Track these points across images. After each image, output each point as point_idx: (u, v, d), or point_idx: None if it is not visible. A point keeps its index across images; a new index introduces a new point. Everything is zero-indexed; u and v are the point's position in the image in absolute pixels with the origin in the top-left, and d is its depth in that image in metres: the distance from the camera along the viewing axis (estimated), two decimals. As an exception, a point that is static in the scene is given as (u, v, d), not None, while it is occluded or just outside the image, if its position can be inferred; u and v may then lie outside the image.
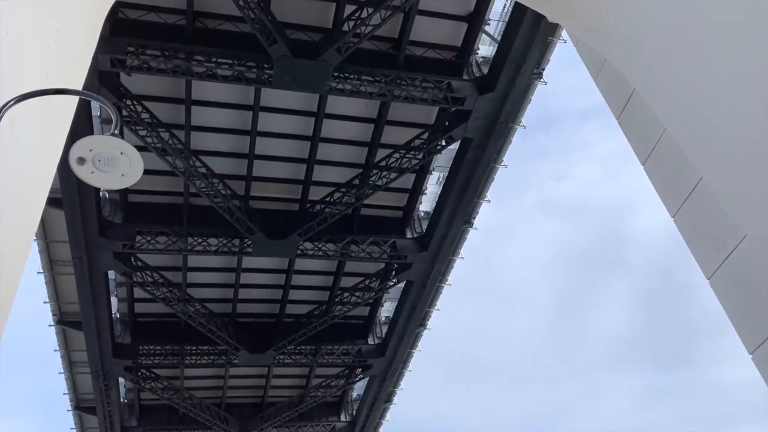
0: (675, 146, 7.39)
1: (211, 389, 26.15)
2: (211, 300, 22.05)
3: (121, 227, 18.00)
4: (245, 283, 22.15)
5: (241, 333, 22.44)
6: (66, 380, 24.04)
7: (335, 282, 22.65)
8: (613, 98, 8.63)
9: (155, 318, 22.66)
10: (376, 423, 28.17)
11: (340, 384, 25.40)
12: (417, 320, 22.82)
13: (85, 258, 17.81)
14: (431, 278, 20.66)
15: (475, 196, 19.01)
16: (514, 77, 15.67)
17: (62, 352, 22.80)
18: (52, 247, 19.36)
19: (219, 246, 18.65)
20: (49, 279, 20.25)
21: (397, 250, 19.97)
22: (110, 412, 23.59)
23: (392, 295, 23.69)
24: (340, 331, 24.16)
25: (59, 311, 21.37)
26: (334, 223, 19.08)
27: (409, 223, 20.64)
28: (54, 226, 18.64)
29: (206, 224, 18.72)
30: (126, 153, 3.38)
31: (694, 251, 7.24)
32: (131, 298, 21.80)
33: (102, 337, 20.60)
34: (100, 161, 3.34)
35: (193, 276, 21.50)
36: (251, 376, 26.13)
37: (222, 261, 21.38)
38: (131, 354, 21.74)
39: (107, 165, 3.36)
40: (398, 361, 24.41)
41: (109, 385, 22.36)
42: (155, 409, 26.13)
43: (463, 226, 19.87)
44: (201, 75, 14.68)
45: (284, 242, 18.58)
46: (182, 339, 22.50)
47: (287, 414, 25.44)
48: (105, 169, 3.38)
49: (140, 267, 19.40)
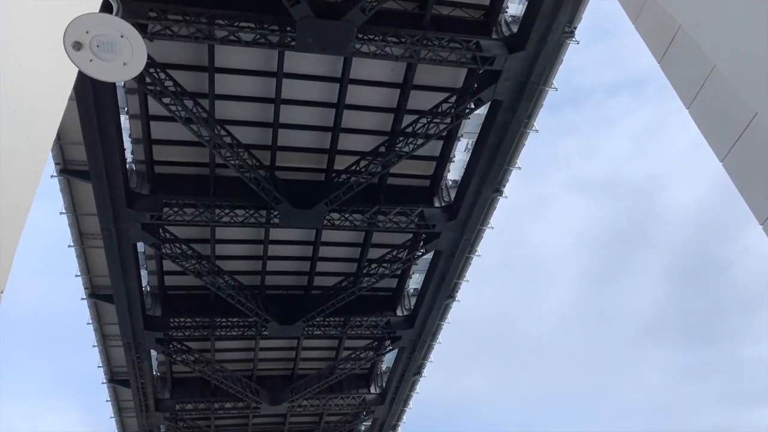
0: (723, 85, 6.91)
1: (242, 362, 26.34)
2: (240, 272, 22.06)
3: (149, 198, 17.99)
4: (273, 255, 22.10)
5: (270, 305, 22.44)
6: (99, 353, 24.42)
7: (362, 253, 22.46)
8: (655, 40, 8.12)
9: (185, 291, 22.80)
10: (406, 395, 28.14)
11: (369, 356, 25.34)
12: (446, 291, 22.55)
13: (113, 229, 17.87)
14: (460, 248, 20.31)
15: (505, 163, 18.52)
16: (545, 35, 15.09)
17: (95, 326, 23.10)
18: (82, 221, 19.48)
19: (246, 217, 18.54)
20: (79, 252, 20.43)
21: (425, 220, 19.63)
22: (143, 384, 23.92)
23: (420, 267, 23.42)
24: (368, 303, 24.04)
25: (90, 285, 21.59)
26: (361, 193, 18.82)
27: (436, 192, 20.26)
28: (83, 199, 18.73)
29: (233, 195, 18.61)
30: (127, 36, 3.08)
31: (745, 196, 6.78)
32: (161, 270, 21.92)
33: (133, 310, 20.78)
34: (98, 47, 3.05)
35: (222, 248, 21.51)
36: (281, 348, 26.24)
37: (250, 233, 21.33)
38: (162, 326, 21.92)
39: (107, 51, 3.07)
40: (427, 333, 24.23)
41: (141, 357, 22.63)
42: (187, 381, 26.46)
43: (493, 194, 19.42)
44: (223, 39, 14.43)
45: (311, 212, 18.38)
46: (212, 311, 22.61)
47: (317, 386, 25.50)
48: (105, 56, 3.08)
49: (169, 239, 19.43)
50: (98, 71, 3.17)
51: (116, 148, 16.31)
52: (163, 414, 25.50)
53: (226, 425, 29.38)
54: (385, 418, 28.08)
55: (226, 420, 29.28)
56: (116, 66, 3.14)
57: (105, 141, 15.94)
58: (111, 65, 3.12)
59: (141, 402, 24.38)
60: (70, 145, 17.17)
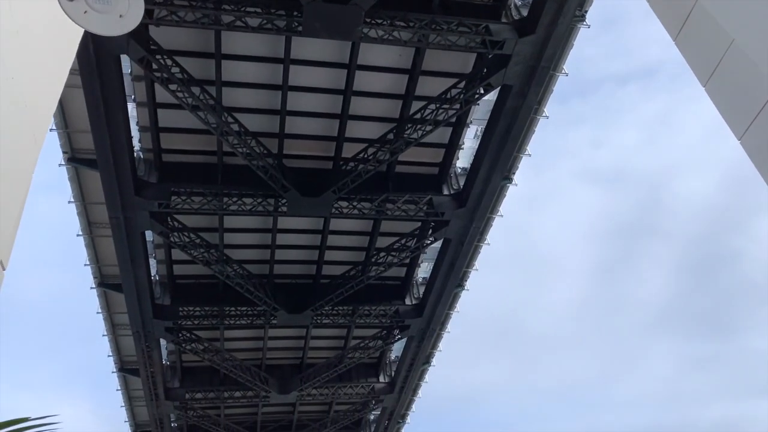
0: (742, 61, 6.72)
1: (251, 351, 26.38)
2: (249, 261, 22.02)
3: (157, 187, 17.95)
4: (281, 244, 22.05)
5: (279, 294, 22.41)
6: (109, 342, 24.53)
7: (371, 242, 22.38)
8: (670, 17, 7.91)
9: (194, 280, 22.81)
10: (415, 384, 28.12)
11: (378, 345, 25.29)
12: (455, 280, 22.43)
13: (121, 217, 17.85)
14: (469, 236, 20.16)
15: (515, 150, 18.33)
16: (556, 19, 14.83)
17: (104, 315, 23.19)
18: (90, 210, 19.50)
19: (254, 205, 18.47)
20: (88, 242, 20.47)
21: (434, 208, 19.49)
22: (153, 373, 24.00)
23: (429, 256, 23.31)
24: (377, 292, 23.97)
25: (100, 274, 21.66)
26: (369, 181, 18.70)
27: (445, 179, 20.10)
28: (91, 188, 18.74)
29: (241, 184, 18.54)
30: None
31: (764, 174, 6.60)
32: (169, 259, 21.93)
33: (142, 299, 20.81)
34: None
35: (230, 237, 21.47)
36: (290, 337, 26.26)
37: (258, 222, 21.28)
38: (171, 315, 21.95)
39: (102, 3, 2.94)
40: (436, 322, 24.14)
41: (150, 346, 22.69)
42: (197, 370, 26.54)
43: (503, 181, 19.24)
44: (230, 25, 14.30)
45: (318, 200, 18.28)
46: (221, 300, 22.61)
47: (326, 374, 25.50)
48: (99, 8, 2.95)
49: (177, 228, 19.40)
50: (93, 23, 3.03)
51: (123, 135, 16.24)
52: (173, 403, 25.61)
53: (236, 414, 29.48)
54: (394, 407, 28.08)
55: (236, 409, 29.40)
56: (112, 18, 3.00)
57: (112, 129, 15.88)
58: (106, 17, 2.99)
59: (151, 391, 24.48)
60: (78, 134, 17.14)
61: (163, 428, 26.95)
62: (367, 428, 31.35)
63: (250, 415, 29.68)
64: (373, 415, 30.84)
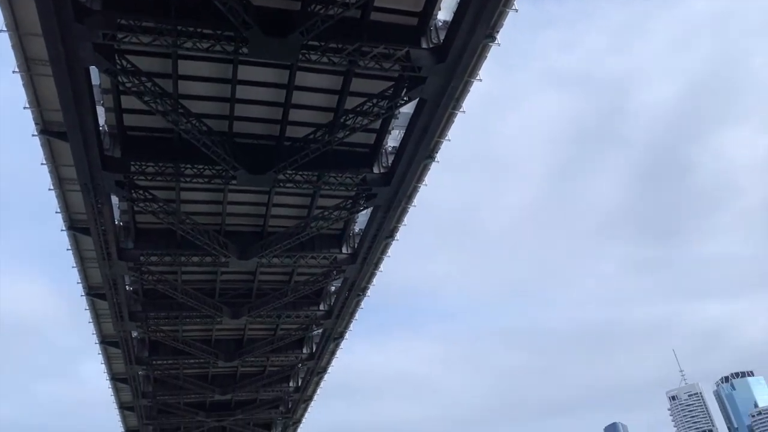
0: None
1: (210, 215, 25.30)
2: (207, 116, 20.35)
3: (101, 14, 15.81)
4: (242, 98, 20.41)
5: (240, 154, 20.98)
6: (57, 198, 22.99)
7: (340, 102, 20.92)
8: None
9: (146, 132, 21.16)
10: (377, 258, 27.76)
11: (343, 215, 24.46)
12: (426, 149, 21.35)
13: (62, 49, 15.85)
14: (446, 96, 18.82)
15: (501, 3, 16.81)
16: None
17: (50, 167, 21.46)
18: (27, 42, 17.31)
19: (212, 44, 16.61)
20: (27, 81, 18.36)
21: (411, 61, 17.98)
22: (104, 231, 22.80)
23: (401, 122, 22.06)
24: (344, 159, 22.83)
25: (42, 120, 19.75)
26: (342, 29, 16.99)
27: (425, 31, 18.41)
28: (27, 18, 16.49)
29: (198, 19, 16.51)
30: None
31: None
32: (119, 108, 20.11)
33: (89, 148, 19.12)
34: None
35: (186, 86, 19.70)
36: (251, 203, 25.20)
37: (216, 70, 19.48)
38: (122, 168, 20.44)
39: None
40: (403, 193, 23.31)
41: (101, 201, 21.30)
42: (152, 232, 25.46)
43: (485, 39, 17.77)
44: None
45: (285, 41, 16.48)
46: (176, 157, 21.08)
47: (288, 242, 24.74)
48: None
49: (128, 70, 17.50)
50: None
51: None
52: (126, 263, 24.64)
53: (194, 280, 28.87)
54: (355, 278, 27.78)
55: (194, 275, 28.76)
56: None
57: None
58: None
59: (102, 249, 23.39)
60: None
61: (117, 290, 26.17)
62: (327, 299, 31.28)
63: (208, 282, 29.13)
64: (333, 286, 30.66)
